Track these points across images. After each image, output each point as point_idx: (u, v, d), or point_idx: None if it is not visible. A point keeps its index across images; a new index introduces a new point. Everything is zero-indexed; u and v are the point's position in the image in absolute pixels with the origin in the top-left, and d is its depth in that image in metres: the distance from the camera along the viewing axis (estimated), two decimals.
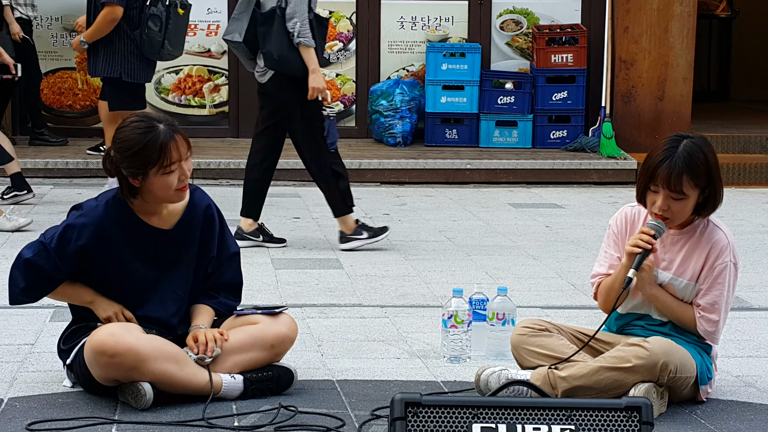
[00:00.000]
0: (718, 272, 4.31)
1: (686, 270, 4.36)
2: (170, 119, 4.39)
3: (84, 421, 4.09)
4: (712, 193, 4.29)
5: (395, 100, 10.92)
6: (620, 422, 3.43)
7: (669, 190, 4.24)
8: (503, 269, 6.80)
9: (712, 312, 4.31)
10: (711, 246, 4.33)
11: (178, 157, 4.30)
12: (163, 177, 4.29)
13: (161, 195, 4.33)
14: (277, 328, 4.45)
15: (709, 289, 4.32)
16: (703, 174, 4.25)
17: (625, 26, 10.93)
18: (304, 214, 8.60)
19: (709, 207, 4.33)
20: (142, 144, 4.26)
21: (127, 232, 4.37)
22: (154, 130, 4.28)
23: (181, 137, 4.32)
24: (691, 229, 4.38)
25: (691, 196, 4.26)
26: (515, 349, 4.48)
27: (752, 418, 4.27)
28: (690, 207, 4.30)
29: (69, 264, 4.35)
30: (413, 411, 3.40)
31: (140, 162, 4.26)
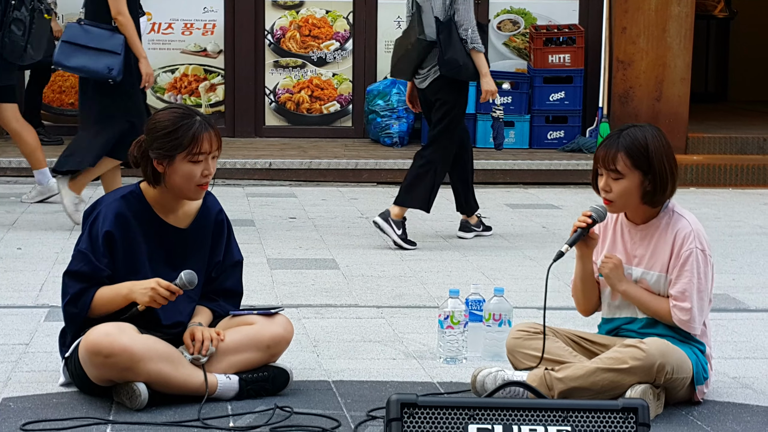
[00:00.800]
0: (684, 259, 4.32)
1: (656, 262, 4.38)
2: (208, 117, 4.43)
3: (79, 421, 4.08)
4: (654, 179, 4.30)
5: (392, 100, 10.91)
6: (617, 424, 3.42)
7: (607, 169, 4.32)
8: (500, 270, 6.79)
9: (684, 300, 4.31)
10: (675, 234, 4.35)
11: (209, 149, 4.32)
12: (188, 165, 4.30)
13: (182, 185, 4.32)
14: (272, 329, 4.44)
15: (678, 277, 4.33)
16: (641, 155, 4.28)
17: (622, 27, 10.93)
18: (300, 214, 8.59)
19: (657, 195, 4.33)
20: (176, 126, 4.29)
21: (144, 227, 4.37)
22: (191, 117, 4.33)
23: (215, 133, 4.36)
24: (656, 221, 4.40)
25: (627, 175, 4.29)
26: (511, 353, 4.48)
27: (749, 420, 4.26)
28: (633, 190, 4.31)
29: (103, 256, 4.30)
30: (409, 412, 3.39)
31: (171, 143, 4.28)
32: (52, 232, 7.67)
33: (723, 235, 8.03)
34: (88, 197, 8.95)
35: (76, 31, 7.44)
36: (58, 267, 6.55)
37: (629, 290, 4.39)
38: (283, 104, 11.46)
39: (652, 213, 4.41)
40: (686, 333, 4.37)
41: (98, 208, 4.37)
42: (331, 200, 9.26)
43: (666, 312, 4.35)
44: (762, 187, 10.39)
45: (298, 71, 11.44)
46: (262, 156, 10.35)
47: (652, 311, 4.38)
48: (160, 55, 11.36)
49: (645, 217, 4.42)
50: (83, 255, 4.33)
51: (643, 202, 4.35)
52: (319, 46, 11.44)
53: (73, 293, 4.32)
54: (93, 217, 4.36)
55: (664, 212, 4.41)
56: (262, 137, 11.38)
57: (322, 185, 9.96)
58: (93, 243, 4.32)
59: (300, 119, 11.48)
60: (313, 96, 11.48)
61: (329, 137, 11.40)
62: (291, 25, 11.43)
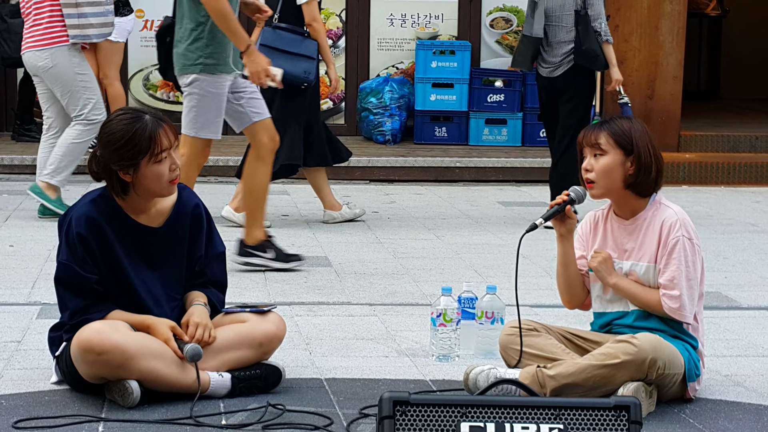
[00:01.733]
0: (671, 247, 4.34)
1: (644, 253, 4.40)
2: (154, 110, 4.39)
3: (71, 419, 4.07)
4: (639, 162, 4.33)
5: (385, 97, 10.92)
6: (609, 421, 3.42)
7: (589, 145, 4.36)
8: (492, 267, 6.79)
9: (673, 288, 4.32)
10: (662, 224, 4.38)
11: (168, 144, 4.29)
12: (154, 166, 4.27)
13: (154, 186, 4.31)
14: (265, 327, 4.44)
15: (666, 265, 4.35)
16: (624, 135, 4.34)
17: (615, 24, 10.93)
18: (292, 212, 8.59)
19: (641, 178, 4.35)
20: (130, 134, 4.24)
21: (116, 230, 4.34)
22: (140, 119, 4.28)
23: (168, 126, 4.33)
24: (643, 214, 4.43)
25: (610, 152, 4.34)
26: (503, 350, 4.48)
27: (741, 418, 4.27)
28: (615, 168, 4.34)
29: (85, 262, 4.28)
30: (401, 410, 3.39)
31: (131, 152, 4.24)
32: (44, 229, 7.66)
33: (715, 233, 8.04)
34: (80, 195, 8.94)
35: (271, 36, 7.66)
36: (51, 264, 6.53)
37: (619, 283, 4.40)
38: None
39: (639, 206, 4.42)
40: (679, 328, 4.37)
41: (70, 215, 4.36)
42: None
43: (656, 302, 4.35)
44: (754, 184, 10.41)
45: None
46: None
47: (643, 302, 4.39)
48: (152, 53, 11.30)
49: (632, 211, 4.44)
50: (66, 267, 4.30)
51: (626, 187, 4.36)
52: None
53: (75, 309, 4.30)
54: (66, 224, 4.34)
55: (651, 205, 4.43)
56: None
57: None
58: (72, 251, 4.30)
59: None
60: None
61: None
62: None
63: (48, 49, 7.75)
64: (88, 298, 4.30)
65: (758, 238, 7.94)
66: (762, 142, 10.94)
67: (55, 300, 4.44)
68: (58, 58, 7.78)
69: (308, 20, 7.70)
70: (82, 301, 4.29)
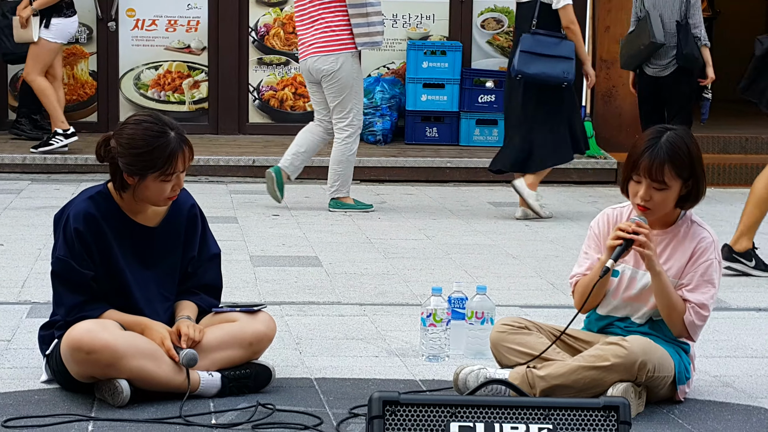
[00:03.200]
0: (705, 269, 4.31)
1: (671, 268, 4.35)
2: (180, 127, 4.36)
3: (60, 417, 4.07)
4: (695, 185, 4.31)
5: (376, 97, 10.92)
6: (598, 422, 3.42)
7: (651, 179, 4.26)
8: (482, 268, 6.80)
9: (703, 308, 4.31)
10: (696, 243, 4.34)
11: (182, 168, 4.29)
12: (159, 183, 4.28)
13: (152, 198, 4.33)
14: (255, 326, 4.44)
15: (698, 286, 4.31)
16: (685, 164, 4.27)
17: (606, 26, 10.95)
18: (282, 212, 8.59)
19: (692, 200, 4.34)
20: (151, 147, 4.24)
21: (113, 228, 4.35)
22: (165, 135, 4.26)
23: (189, 149, 4.31)
24: (675, 228, 4.39)
25: (673, 186, 4.28)
26: (494, 347, 4.48)
27: (729, 419, 4.28)
28: (672, 198, 4.31)
29: (82, 258, 4.28)
30: (391, 409, 3.39)
31: (144, 164, 4.24)
32: (34, 228, 7.65)
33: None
34: (71, 194, 8.93)
35: (530, 42, 8.22)
36: (41, 263, 6.53)
37: (663, 274, 4.28)
38: (267, 101, 11.45)
39: (671, 218, 4.39)
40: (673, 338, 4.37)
41: (67, 211, 4.35)
42: (314, 197, 9.26)
43: (682, 309, 4.30)
44: (744, 186, 10.39)
45: (282, 68, 11.42)
46: (246, 153, 10.34)
47: (671, 303, 4.27)
48: (143, 52, 11.33)
49: (664, 223, 4.39)
50: (63, 262, 4.30)
51: (675, 207, 4.35)
52: None
53: (71, 306, 4.30)
54: (64, 220, 4.34)
55: (683, 220, 4.39)
56: (246, 134, 11.37)
57: (305, 182, 9.95)
58: (69, 247, 4.30)
59: (283, 116, 11.47)
60: (296, 93, 11.46)
61: None
62: (275, 22, 11.42)
63: (334, 54, 8.26)
64: (84, 294, 4.30)
65: None
66: (752, 144, 10.96)
67: (45, 299, 4.45)
68: (342, 63, 8.29)
69: (565, 23, 8.32)
70: (78, 298, 4.29)
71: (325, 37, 8.27)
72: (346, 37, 8.25)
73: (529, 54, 8.16)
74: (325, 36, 8.27)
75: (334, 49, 8.25)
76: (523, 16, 8.39)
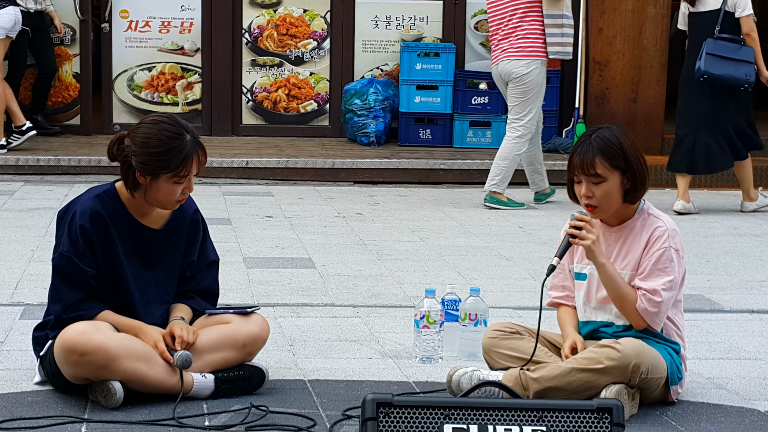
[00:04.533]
0: (658, 257, 4.33)
1: (629, 262, 4.39)
2: (196, 131, 4.39)
3: (53, 419, 4.07)
4: (633, 176, 4.33)
5: (369, 99, 10.92)
6: (591, 424, 3.43)
7: (586, 174, 4.33)
8: (476, 270, 6.80)
9: (654, 294, 4.31)
10: (650, 233, 4.37)
11: (196, 171, 4.32)
12: (171, 185, 4.29)
13: (161, 199, 4.33)
14: (248, 328, 4.44)
15: (650, 273, 4.33)
16: (617, 155, 4.31)
17: (599, 28, 10.96)
18: (276, 213, 8.59)
19: (638, 191, 4.36)
20: (167, 147, 4.25)
21: (117, 227, 4.35)
22: (182, 137, 4.28)
23: (203, 153, 4.33)
24: (631, 223, 4.43)
25: (609, 177, 4.32)
26: (486, 353, 4.49)
27: (723, 420, 4.28)
28: (615, 191, 4.33)
29: (84, 256, 4.28)
30: (385, 411, 3.39)
31: (158, 164, 4.25)
32: (27, 229, 7.64)
33: (698, 236, 8.07)
34: (64, 195, 8.93)
35: (715, 46, 8.78)
36: (34, 265, 6.52)
37: (607, 265, 4.33)
38: (260, 103, 11.45)
39: (628, 214, 4.42)
40: (663, 338, 4.38)
41: (73, 208, 4.36)
42: (308, 199, 9.26)
43: (634, 299, 4.33)
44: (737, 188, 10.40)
45: (276, 70, 11.42)
46: (239, 154, 10.33)
47: (621, 293, 4.31)
48: (137, 53, 11.33)
49: (620, 219, 4.44)
50: (66, 258, 4.30)
51: (624, 201, 4.37)
52: (297, 45, 11.43)
53: (69, 303, 4.30)
54: (69, 217, 4.34)
55: (639, 214, 4.43)
56: (239, 136, 11.37)
57: (298, 184, 9.96)
58: (74, 243, 4.30)
59: (277, 118, 11.47)
60: (290, 95, 11.47)
61: (306, 136, 11.40)
62: (268, 23, 11.42)
63: (526, 60, 8.81)
64: (83, 292, 4.30)
65: (741, 241, 7.96)
66: None
67: (38, 300, 4.44)
68: (533, 69, 8.82)
69: (746, 30, 8.82)
70: (77, 295, 4.29)
71: (520, 43, 8.85)
72: (540, 45, 8.84)
73: (715, 57, 8.75)
74: (520, 42, 8.85)
75: (527, 55, 8.83)
76: (702, 23, 8.92)
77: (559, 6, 8.79)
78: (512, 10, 8.87)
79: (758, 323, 5.77)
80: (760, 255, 7.45)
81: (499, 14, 8.95)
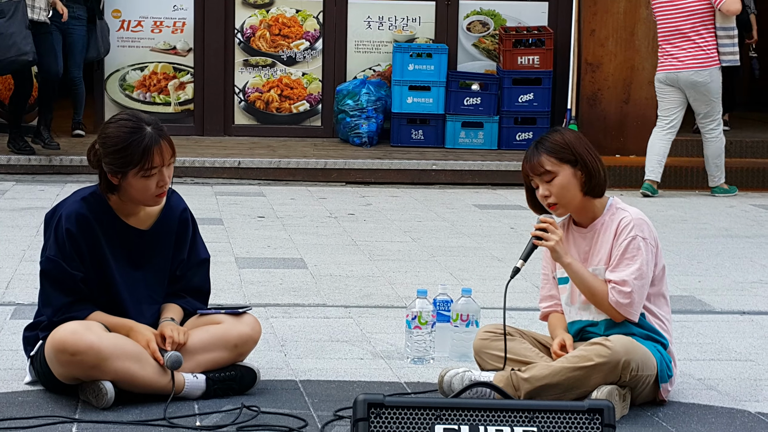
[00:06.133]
0: (625, 247, 4.35)
1: (601, 258, 4.41)
2: (159, 123, 4.35)
3: (44, 419, 4.06)
4: (584, 165, 4.36)
5: (361, 99, 10.92)
6: (582, 424, 3.43)
7: (538, 174, 4.37)
8: (468, 270, 6.80)
9: (624, 285, 4.32)
10: (617, 225, 4.39)
11: (161, 163, 4.27)
12: (142, 180, 4.26)
13: (138, 197, 4.31)
14: (240, 328, 4.44)
15: (619, 264, 4.35)
16: (563, 148, 4.36)
17: (591, 29, 10.97)
18: (268, 213, 8.58)
19: (594, 180, 4.37)
20: (126, 143, 4.23)
21: (104, 229, 4.34)
22: (140, 131, 4.24)
23: (167, 143, 4.29)
24: (600, 219, 4.45)
25: (560, 172, 4.35)
26: (477, 355, 4.49)
27: (713, 421, 4.29)
28: (569, 183, 4.36)
29: (72, 259, 4.27)
30: (376, 412, 3.40)
31: (121, 161, 4.24)
32: (19, 229, 7.64)
33: (689, 238, 8.08)
34: (56, 194, 8.92)
35: None
36: (25, 265, 6.52)
37: (573, 263, 4.37)
38: (253, 103, 11.45)
39: (597, 211, 4.44)
40: (650, 329, 4.39)
41: (59, 211, 4.35)
42: (300, 199, 9.26)
43: (603, 292, 4.35)
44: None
45: (268, 70, 11.42)
46: (231, 155, 10.33)
47: (591, 289, 4.35)
48: (129, 53, 11.32)
49: (590, 217, 4.45)
50: (53, 262, 4.29)
51: (584, 194, 4.38)
52: (289, 46, 11.44)
53: (59, 306, 4.29)
54: (55, 220, 4.33)
55: (608, 210, 4.45)
56: (231, 136, 11.36)
57: (291, 184, 9.96)
58: (60, 247, 4.29)
59: (269, 118, 11.47)
60: (282, 95, 11.47)
61: (298, 136, 11.40)
62: (261, 24, 11.42)
63: (709, 69, 9.66)
64: (72, 295, 4.29)
65: (732, 242, 7.98)
66: (735, 148, 10.99)
67: (29, 300, 4.44)
68: (714, 77, 9.70)
69: None
70: (66, 298, 4.28)
71: (701, 54, 9.66)
72: (715, 54, 9.68)
73: None
74: (700, 53, 9.66)
75: (709, 65, 9.68)
76: None
77: (731, 19, 9.62)
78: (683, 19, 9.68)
79: (749, 324, 5.78)
80: (750, 256, 7.46)
81: (670, 21, 9.71)
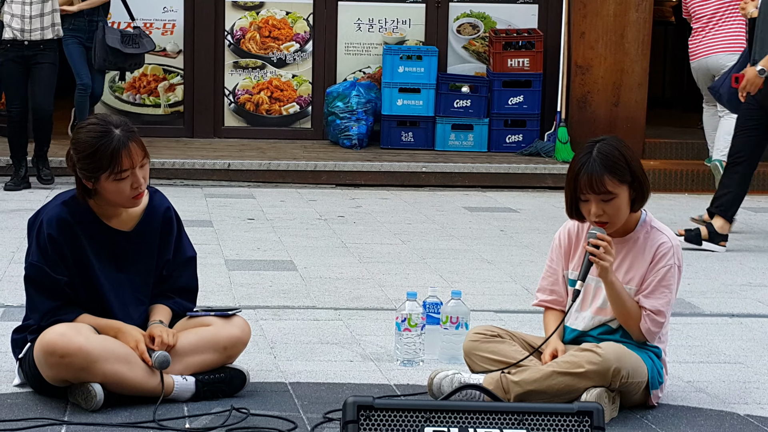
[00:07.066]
0: (663, 275, 4.34)
1: (633, 277, 4.38)
2: (129, 124, 4.32)
3: (33, 422, 4.05)
4: (639, 185, 4.34)
5: (351, 102, 10.92)
6: (572, 427, 3.44)
7: (596, 193, 4.29)
8: (457, 273, 6.80)
9: (659, 315, 4.33)
10: (655, 249, 4.37)
11: (130, 165, 4.25)
12: (114, 183, 4.25)
13: (114, 200, 4.31)
14: (229, 331, 4.43)
15: (654, 291, 4.35)
16: (623, 169, 4.30)
17: (581, 32, 10.98)
18: (258, 215, 8.58)
19: (642, 199, 4.37)
20: (94, 148, 4.22)
21: (86, 232, 4.33)
22: (108, 135, 4.23)
23: (136, 145, 4.27)
24: (634, 235, 4.42)
25: (619, 194, 4.31)
26: (467, 356, 4.49)
27: (702, 424, 4.30)
28: (624, 205, 4.34)
29: (55, 264, 4.27)
30: (365, 414, 3.40)
31: (92, 166, 4.23)
32: (7, 231, 7.62)
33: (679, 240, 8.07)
34: (45, 197, 8.90)
35: None
36: (14, 266, 6.50)
37: (616, 283, 4.33)
38: (243, 105, 11.44)
39: (630, 225, 4.41)
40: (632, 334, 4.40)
41: (41, 216, 4.34)
42: (290, 201, 9.26)
43: (637, 317, 4.34)
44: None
45: (258, 72, 11.42)
46: (221, 157, 10.32)
47: (627, 310, 4.33)
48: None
49: (625, 230, 4.42)
50: (36, 267, 4.28)
51: (631, 212, 4.38)
52: (279, 48, 11.43)
53: (45, 311, 4.28)
54: (37, 225, 4.32)
55: (642, 226, 4.42)
56: (221, 138, 11.35)
57: (280, 186, 9.96)
58: (43, 252, 4.28)
59: (259, 120, 11.46)
60: (272, 97, 11.46)
61: (288, 138, 11.39)
62: (251, 25, 11.41)
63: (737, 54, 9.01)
64: (58, 299, 4.28)
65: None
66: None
67: (18, 302, 4.43)
68: None
69: None
70: (52, 303, 4.28)
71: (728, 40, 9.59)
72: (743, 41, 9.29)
73: None
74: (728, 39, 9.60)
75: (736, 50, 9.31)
76: None
77: None
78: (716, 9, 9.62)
79: (738, 327, 5.79)
80: (740, 259, 7.47)
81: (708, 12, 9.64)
